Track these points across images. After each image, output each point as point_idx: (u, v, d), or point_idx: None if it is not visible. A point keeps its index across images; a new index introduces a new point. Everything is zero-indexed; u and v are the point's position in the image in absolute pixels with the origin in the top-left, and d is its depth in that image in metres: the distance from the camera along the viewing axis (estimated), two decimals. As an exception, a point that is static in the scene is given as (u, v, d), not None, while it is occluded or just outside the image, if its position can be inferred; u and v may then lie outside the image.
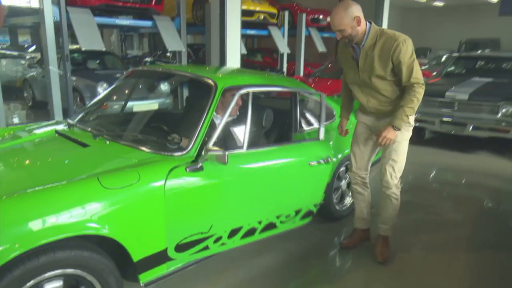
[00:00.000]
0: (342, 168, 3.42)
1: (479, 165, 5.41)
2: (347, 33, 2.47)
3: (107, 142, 2.34)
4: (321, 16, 10.67)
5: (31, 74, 8.55)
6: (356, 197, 3.09)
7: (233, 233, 2.44)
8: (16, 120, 8.02)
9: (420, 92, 2.52)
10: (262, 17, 8.98)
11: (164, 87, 3.16)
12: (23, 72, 9.69)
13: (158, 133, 2.46)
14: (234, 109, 2.82)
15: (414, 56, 2.52)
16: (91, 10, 6.20)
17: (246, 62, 10.93)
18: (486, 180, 4.83)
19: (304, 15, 9.82)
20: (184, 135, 2.29)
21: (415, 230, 3.44)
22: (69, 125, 2.70)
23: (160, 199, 1.98)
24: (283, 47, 9.57)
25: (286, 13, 9.76)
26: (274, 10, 9.47)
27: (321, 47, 10.50)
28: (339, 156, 3.32)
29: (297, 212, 2.88)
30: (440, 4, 21.29)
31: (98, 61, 8.50)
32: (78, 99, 6.87)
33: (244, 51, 8.55)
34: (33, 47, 12.66)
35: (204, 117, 2.31)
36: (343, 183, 3.48)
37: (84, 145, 2.34)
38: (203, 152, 2.11)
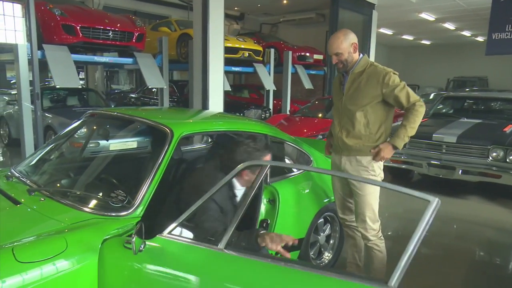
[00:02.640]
0: (321, 220, 3.13)
1: (469, 212, 5.12)
2: (343, 57, 2.54)
3: (42, 199, 2.03)
4: (307, 54, 10.66)
5: (8, 111, 8.29)
6: (347, 240, 2.99)
7: None
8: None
9: (421, 111, 2.49)
10: (246, 54, 8.90)
11: (123, 133, 2.91)
12: (4, 109, 9.46)
13: (105, 187, 2.17)
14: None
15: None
16: (70, 47, 6.07)
17: (232, 98, 10.77)
18: (477, 230, 4.55)
19: (290, 53, 9.79)
20: (131, 191, 2.00)
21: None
22: (9, 176, 2.40)
23: (92, 273, 1.67)
24: (268, 84, 9.46)
25: (272, 51, 9.72)
26: (259, 48, 9.42)
27: (307, 84, 10.41)
28: (317, 206, 3.03)
29: None
30: (427, 43, 21.71)
31: (79, 98, 8.29)
32: (53, 137, 6.58)
33: (228, 88, 8.40)
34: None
35: (154, 170, 2.02)
36: (321, 237, 3.17)
37: (16, 202, 2.03)
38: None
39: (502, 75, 19.36)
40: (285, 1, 12.12)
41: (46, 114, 6.82)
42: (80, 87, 6.71)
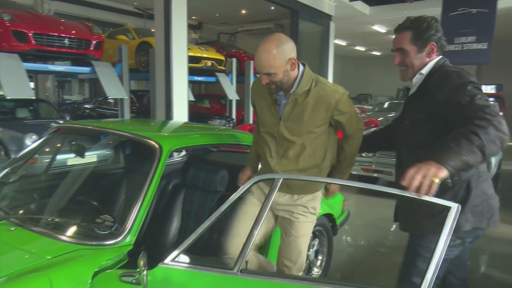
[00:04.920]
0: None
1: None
2: (277, 78, 1.86)
3: (12, 229, 1.75)
4: (268, 64, 10.64)
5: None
6: None
7: None
8: None
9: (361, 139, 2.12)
10: (209, 64, 8.73)
11: (97, 149, 2.63)
12: None
13: (87, 212, 1.92)
14: None
15: None
16: (21, 55, 5.63)
17: (193, 108, 10.51)
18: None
19: (251, 63, 9.71)
20: (119, 215, 1.78)
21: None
22: (-34, 202, 2.08)
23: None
24: (232, 94, 9.32)
25: (234, 60, 9.61)
26: (221, 57, 9.29)
27: (269, 94, 10.38)
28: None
29: None
30: (378, 54, 22.56)
31: (29, 109, 7.71)
32: (3, 153, 6.03)
33: (192, 98, 8.17)
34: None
35: (144, 189, 1.81)
36: (311, 252, 3.02)
37: (-22, 234, 1.74)
38: (141, 263, 1.37)
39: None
40: (243, 11, 12.09)
41: (-7, 128, 6.25)
42: (33, 97, 6.22)
